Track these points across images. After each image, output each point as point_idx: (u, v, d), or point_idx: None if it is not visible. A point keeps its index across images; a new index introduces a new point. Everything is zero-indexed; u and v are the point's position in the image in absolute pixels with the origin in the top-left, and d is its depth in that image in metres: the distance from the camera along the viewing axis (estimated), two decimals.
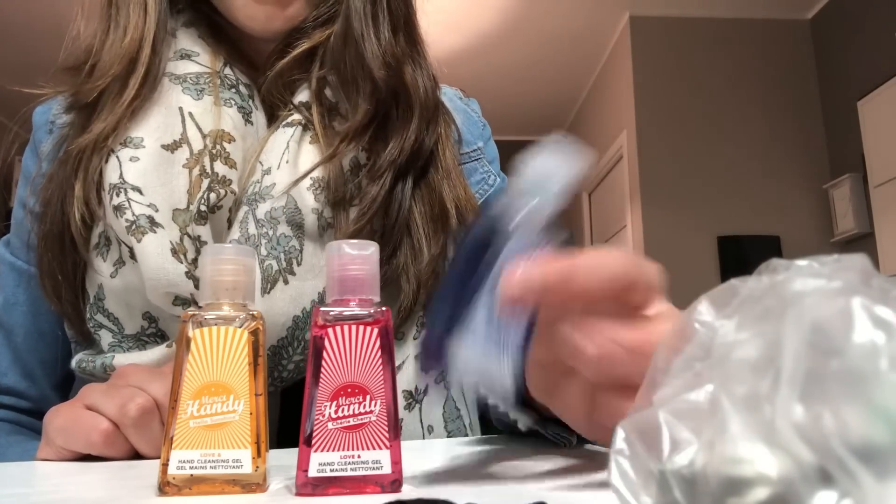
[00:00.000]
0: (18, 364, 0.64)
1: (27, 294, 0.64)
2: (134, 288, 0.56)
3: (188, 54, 0.63)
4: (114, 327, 0.58)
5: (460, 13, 3.64)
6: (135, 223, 0.54)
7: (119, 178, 0.56)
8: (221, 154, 0.58)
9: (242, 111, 0.62)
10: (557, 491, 0.32)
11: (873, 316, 0.17)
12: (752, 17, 3.76)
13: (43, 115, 0.68)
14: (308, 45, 0.63)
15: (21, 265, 0.65)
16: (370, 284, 0.34)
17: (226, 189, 0.57)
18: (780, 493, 0.16)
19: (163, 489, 0.32)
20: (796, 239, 3.50)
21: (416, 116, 0.63)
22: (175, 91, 0.60)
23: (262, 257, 0.56)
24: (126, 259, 0.57)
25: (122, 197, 0.55)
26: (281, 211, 0.57)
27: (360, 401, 0.32)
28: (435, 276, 0.60)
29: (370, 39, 0.62)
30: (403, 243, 0.60)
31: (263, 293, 0.55)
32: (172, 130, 0.58)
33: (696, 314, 0.22)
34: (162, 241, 0.54)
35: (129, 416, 0.45)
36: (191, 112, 0.59)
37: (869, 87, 3.20)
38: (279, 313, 0.55)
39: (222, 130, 0.59)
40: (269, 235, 0.57)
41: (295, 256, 0.57)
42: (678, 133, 3.63)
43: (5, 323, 0.64)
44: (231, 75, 0.63)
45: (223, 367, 0.33)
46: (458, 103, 0.75)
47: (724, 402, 0.18)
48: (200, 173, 0.57)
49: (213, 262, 0.35)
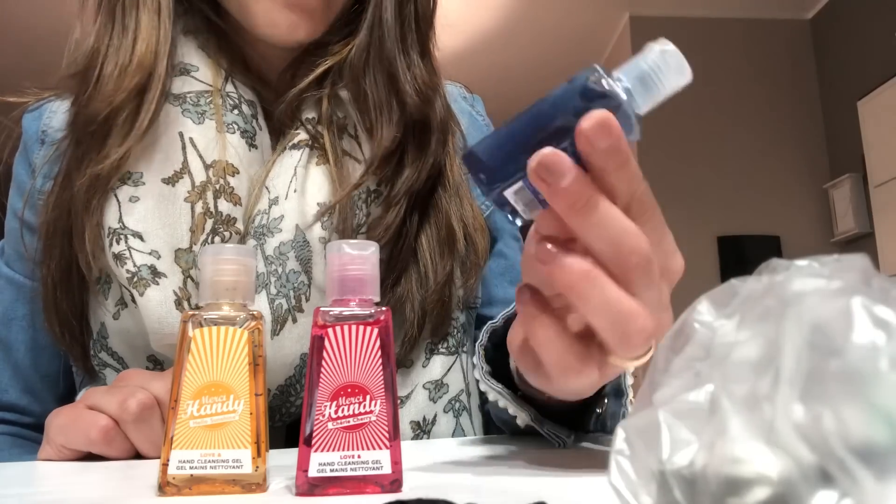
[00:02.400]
0: (19, 380, 0.63)
1: (27, 308, 0.63)
2: (136, 332, 0.55)
3: (186, 69, 0.59)
4: (118, 366, 0.57)
5: (460, 13, 3.64)
6: (136, 275, 0.53)
7: (119, 223, 0.53)
8: (225, 189, 0.55)
9: (246, 135, 0.58)
10: (557, 491, 0.32)
11: (873, 316, 0.17)
12: (752, 17, 3.76)
13: (34, 123, 0.65)
14: (332, 63, 0.59)
15: (19, 279, 0.63)
16: (370, 284, 0.34)
17: (231, 230, 0.55)
18: (780, 493, 0.16)
19: (163, 489, 0.32)
20: (796, 239, 3.49)
21: (434, 141, 0.60)
22: (175, 114, 0.56)
23: (272, 296, 0.54)
24: (128, 301, 0.55)
25: (123, 245, 0.53)
26: (290, 246, 0.55)
27: (360, 401, 0.32)
28: (441, 304, 0.58)
29: (401, 61, 0.58)
30: (409, 270, 0.58)
31: (273, 335, 0.54)
32: (173, 159, 0.55)
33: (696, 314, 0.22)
34: (165, 293, 0.53)
35: (130, 412, 0.45)
36: (192, 138, 0.56)
37: (869, 87, 3.20)
38: (288, 353, 0.54)
39: (226, 162, 0.56)
40: (279, 273, 0.55)
41: (304, 293, 0.55)
42: (678, 133, 3.63)
43: (5, 338, 0.63)
44: (234, 93, 0.59)
45: (223, 367, 0.33)
46: (463, 104, 0.73)
47: (724, 402, 0.18)
48: (204, 212, 0.54)
49: (213, 262, 0.34)
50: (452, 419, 0.59)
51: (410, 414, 0.57)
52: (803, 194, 3.58)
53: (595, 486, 0.33)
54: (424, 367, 0.59)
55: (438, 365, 0.59)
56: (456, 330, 0.61)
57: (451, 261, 0.59)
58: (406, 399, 0.58)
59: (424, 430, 0.58)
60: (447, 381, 0.59)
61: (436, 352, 0.60)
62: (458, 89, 0.75)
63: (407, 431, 0.57)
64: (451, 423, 0.59)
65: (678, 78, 0.33)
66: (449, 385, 0.59)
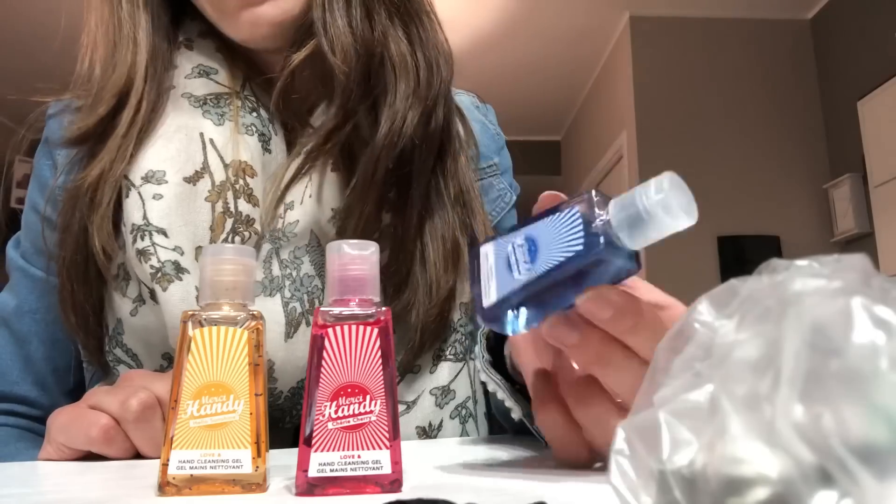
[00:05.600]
0: (31, 372, 0.63)
1: (41, 301, 0.63)
2: (154, 329, 0.55)
3: (206, 71, 0.61)
4: (132, 363, 0.57)
5: (460, 13, 3.64)
6: (160, 270, 0.53)
7: (143, 220, 0.54)
8: (244, 191, 0.56)
9: (262, 139, 0.59)
10: (557, 491, 0.32)
11: (873, 316, 0.17)
12: (752, 17, 3.76)
13: (57, 121, 0.66)
14: (305, 54, 0.57)
15: (35, 272, 0.63)
16: (370, 284, 0.34)
17: (250, 230, 0.56)
18: (780, 493, 0.16)
19: (163, 489, 0.32)
20: (796, 239, 3.49)
21: (448, 155, 0.61)
22: (196, 115, 0.58)
23: (286, 299, 0.55)
24: (146, 298, 0.56)
25: (147, 241, 0.54)
26: (305, 250, 0.56)
27: (360, 401, 0.32)
28: (440, 318, 0.58)
29: (335, 27, 0.56)
30: (415, 278, 0.58)
31: (287, 338, 0.54)
32: (194, 159, 0.56)
33: (696, 314, 0.22)
34: (187, 289, 0.53)
35: (131, 411, 0.45)
36: (212, 139, 0.57)
37: (869, 87, 3.20)
38: (300, 356, 0.54)
39: (245, 163, 0.57)
40: (293, 277, 0.56)
41: (317, 296, 0.56)
42: (678, 133, 3.63)
43: (18, 330, 0.63)
44: (251, 97, 0.61)
45: (223, 367, 0.33)
46: (476, 113, 0.73)
47: (724, 402, 0.18)
48: (224, 211, 0.55)
49: (213, 262, 0.35)
50: (458, 425, 0.59)
51: (417, 419, 0.57)
52: (803, 194, 3.58)
53: (595, 486, 0.33)
54: (432, 373, 0.59)
55: (446, 371, 0.60)
56: (464, 337, 0.61)
57: (455, 276, 0.59)
58: (413, 404, 0.58)
59: (430, 436, 0.58)
60: (454, 387, 0.60)
61: (443, 358, 0.60)
62: (471, 98, 0.75)
63: (413, 437, 0.57)
64: (457, 430, 0.59)
65: (684, 220, 0.30)
66: (456, 391, 0.60)
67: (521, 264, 0.33)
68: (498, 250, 0.35)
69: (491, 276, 0.35)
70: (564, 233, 0.32)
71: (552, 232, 0.33)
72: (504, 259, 0.34)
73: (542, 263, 0.32)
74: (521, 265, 0.33)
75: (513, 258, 0.34)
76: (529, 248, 0.33)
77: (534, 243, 0.33)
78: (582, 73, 4.52)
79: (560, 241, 0.32)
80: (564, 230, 0.32)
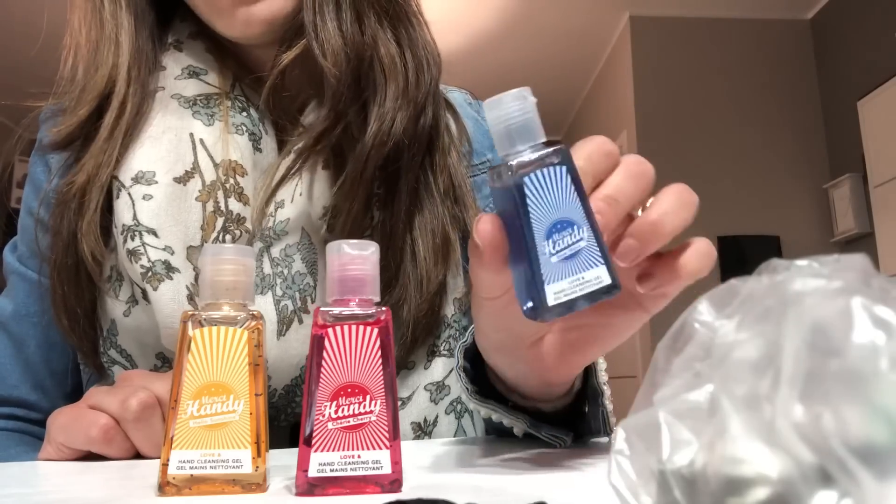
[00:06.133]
0: (29, 376, 0.63)
1: (39, 305, 0.63)
2: (147, 329, 0.56)
3: (196, 72, 0.61)
4: (127, 364, 0.57)
5: (460, 13, 3.64)
6: (151, 269, 0.54)
7: (133, 220, 0.55)
8: (235, 189, 0.57)
9: (253, 138, 0.59)
10: (557, 491, 0.32)
11: (873, 316, 0.17)
12: (752, 17, 3.76)
13: (49, 125, 0.66)
14: (295, 54, 0.57)
15: (31, 275, 0.63)
16: (370, 284, 0.34)
17: (241, 229, 0.56)
18: (780, 493, 0.16)
19: (163, 489, 0.32)
20: (796, 239, 3.49)
21: (437, 150, 0.61)
22: (185, 116, 0.58)
23: (277, 297, 0.55)
24: (139, 299, 0.56)
25: (138, 241, 0.54)
26: (296, 248, 0.56)
27: (360, 401, 0.32)
28: (430, 313, 0.58)
29: (325, 30, 0.55)
30: (406, 272, 0.58)
31: (279, 336, 0.54)
32: (184, 159, 0.57)
33: (696, 314, 0.22)
34: (178, 288, 0.53)
35: (130, 411, 0.45)
36: (202, 139, 0.57)
37: (869, 87, 3.20)
38: (293, 354, 0.55)
39: (235, 162, 0.57)
40: (284, 275, 0.56)
41: (309, 294, 0.56)
42: (678, 133, 3.63)
43: (16, 334, 0.63)
44: (242, 97, 0.61)
45: (223, 367, 0.33)
46: (468, 110, 0.72)
47: (724, 402, 0.18)
48: (214, 210, 0.56)
49: (213, 262, 0.34)
50: (454, 420, 0.59)
51: (412, 415, 0.57)
52: (803, 194, 3.58)
53: (595, 486, 0.33)
54: (426, 368, 0.59)
55: (440, 367, 0.59)
56: (458, 332, 0.61)
57: (445, 270, 0.59)
58: (407, 400, 0.58)
59: (426, 432, 0.58)
60: (448, 382, 0.60)
61: (437, 354, 0.60)
62: (464, 95, 0.75)
63: (408, 432, 0.57)
64: (453, 425, 0.59)
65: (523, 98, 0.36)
66: (450, 387, 0.60)
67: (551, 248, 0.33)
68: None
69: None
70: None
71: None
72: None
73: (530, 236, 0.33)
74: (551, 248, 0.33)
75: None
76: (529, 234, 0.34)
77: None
78: (582, 73, 4.52)
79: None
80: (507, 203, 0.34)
